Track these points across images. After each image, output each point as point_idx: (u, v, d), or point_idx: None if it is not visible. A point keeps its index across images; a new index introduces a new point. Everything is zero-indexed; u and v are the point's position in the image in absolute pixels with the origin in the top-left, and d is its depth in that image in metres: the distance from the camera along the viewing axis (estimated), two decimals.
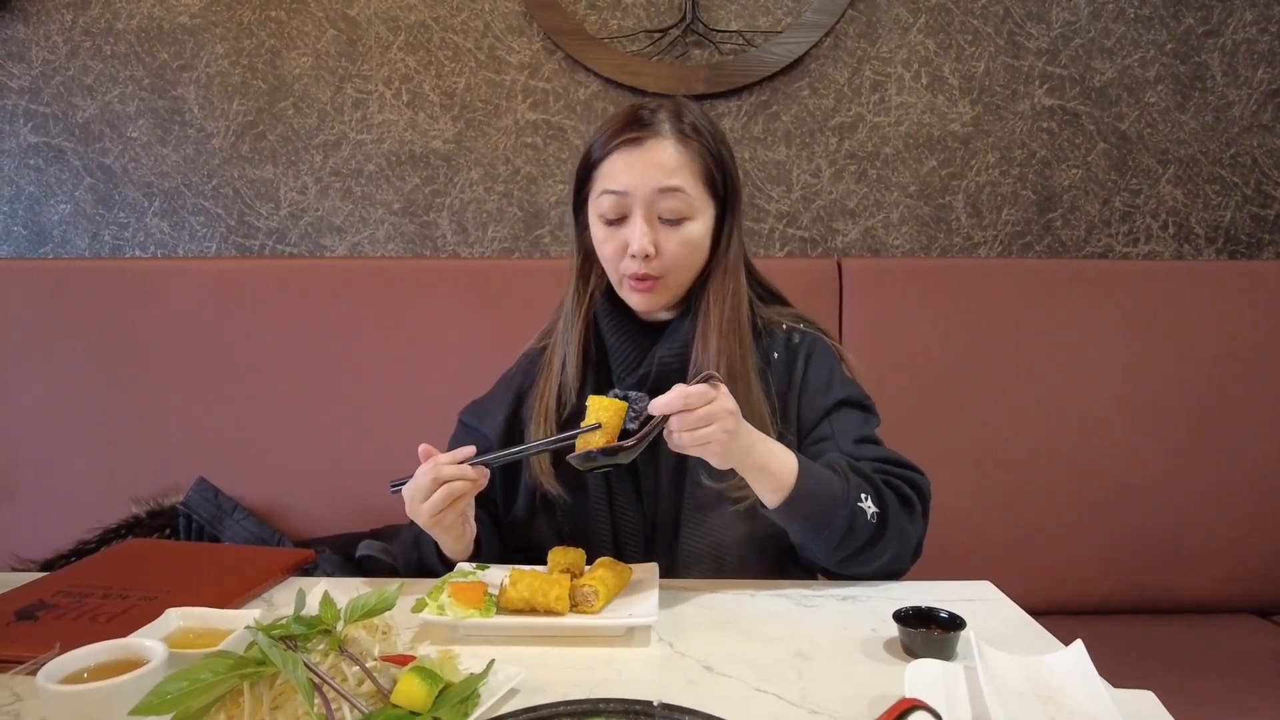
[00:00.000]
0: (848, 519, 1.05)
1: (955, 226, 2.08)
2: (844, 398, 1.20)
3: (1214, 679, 1.50)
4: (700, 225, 1.15)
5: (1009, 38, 2.02)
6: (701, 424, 0.97)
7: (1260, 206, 2.06)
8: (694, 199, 1.13)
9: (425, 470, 1.04)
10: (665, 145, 1.12)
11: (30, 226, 2.08)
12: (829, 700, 0.83)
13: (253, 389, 1.79)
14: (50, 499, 1.77)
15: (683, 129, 1.13)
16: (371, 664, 0.79)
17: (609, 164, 1.13)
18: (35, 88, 2.04)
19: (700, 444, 0.98)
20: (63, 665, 0.75)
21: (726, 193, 1.18)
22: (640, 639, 0.97)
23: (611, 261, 1.16)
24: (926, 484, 1.16)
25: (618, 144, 1.12)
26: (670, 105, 1.16)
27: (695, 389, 0.98)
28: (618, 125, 1.14)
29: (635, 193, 1.11)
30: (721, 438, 0.98)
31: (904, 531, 1.10)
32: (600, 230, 1.16)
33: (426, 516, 1.04)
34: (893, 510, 1.09)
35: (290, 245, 2.09)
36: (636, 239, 1.11)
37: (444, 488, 1.02)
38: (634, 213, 1.12)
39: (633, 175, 1.11)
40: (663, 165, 1.11)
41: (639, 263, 1.12)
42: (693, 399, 0.97)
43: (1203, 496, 1.77)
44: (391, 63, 2.03)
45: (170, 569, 1.20)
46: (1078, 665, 0.84)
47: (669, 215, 1.12)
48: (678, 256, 1.13)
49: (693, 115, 1.16)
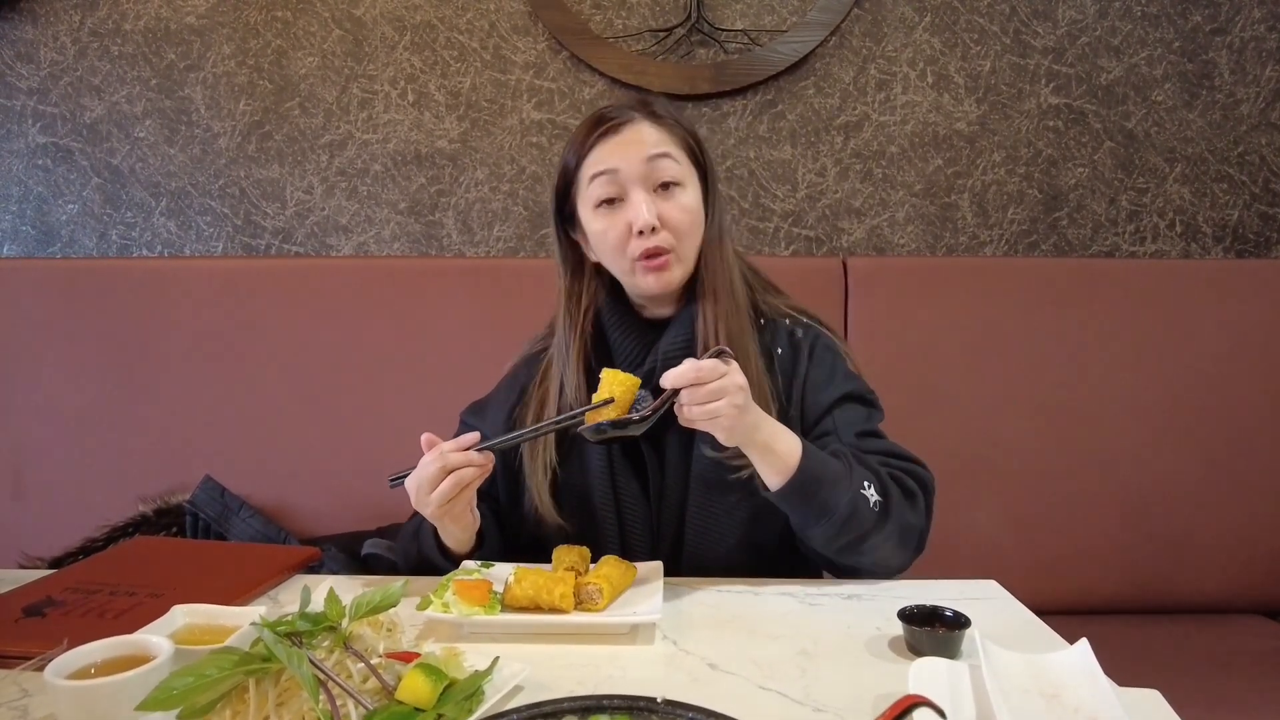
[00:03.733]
0: (850, 505, 1.04)
1: (961, 225, 2.07)
2: (847, 392, 1.19)
3: (1221, 679, 1.50)
4: (693, 193, 1.16)
5: (1015, 36, 2.01)
6: (712, 398, 0.98)
7: (1268, 205, 2.06)
8: (681, 166, 1.15)
9: (431, 459, 1.03)
10: (641, 125, 1.14)
11: (38, 226, 2.09)
12: (833, 698, 0.83)
13: (259, 388, 1.80)
14: (58, 497, 1.78)
15: (654, 111, 1.17)
16: (376, 660, 0.79)
17: (591, 158, 1.15)
18: (43, 88, 2.05)
19: (710, 417, 0.99)
20: (70, 661, 0.76)
21: (706, 166, 1.20)
22: (644, 637, 0.97)
23: (617, 248, 1.14)
24: (930, 478, 1.16)
25: (595, 138, 1.14)
26: (635, 99, 1.21)
27: (707, 363, 0.98)
28: (588, 127, 1.16)
29: (626, 168, 1.13)
30: (731, 412, 0.98)
31: (906, 522, 1.09)
32: (599, 221, 1.15)
33: (435, 506, 1.03)
34: (895, 500, 1.08)
35: (296, 245, 2.10)
36: (641, 211, 1.11)
37: (453, 475, 1.02)
38: (630, 189, 1.13)
39: (618, 154, 1.13)
40: (646, 139, 1.13)
41: (646, 239, 1.11)
42: (704, 372, 0.98)
43: (1210, 496, 1.76)
44: (397, 63, 2.03)
45: (176, 566, 1.20)
46: (1083, 664, 0.84)
47: (664, 179, 1.13)
48: (681, 223, 1.14)
49: (660, 104, 1.19)
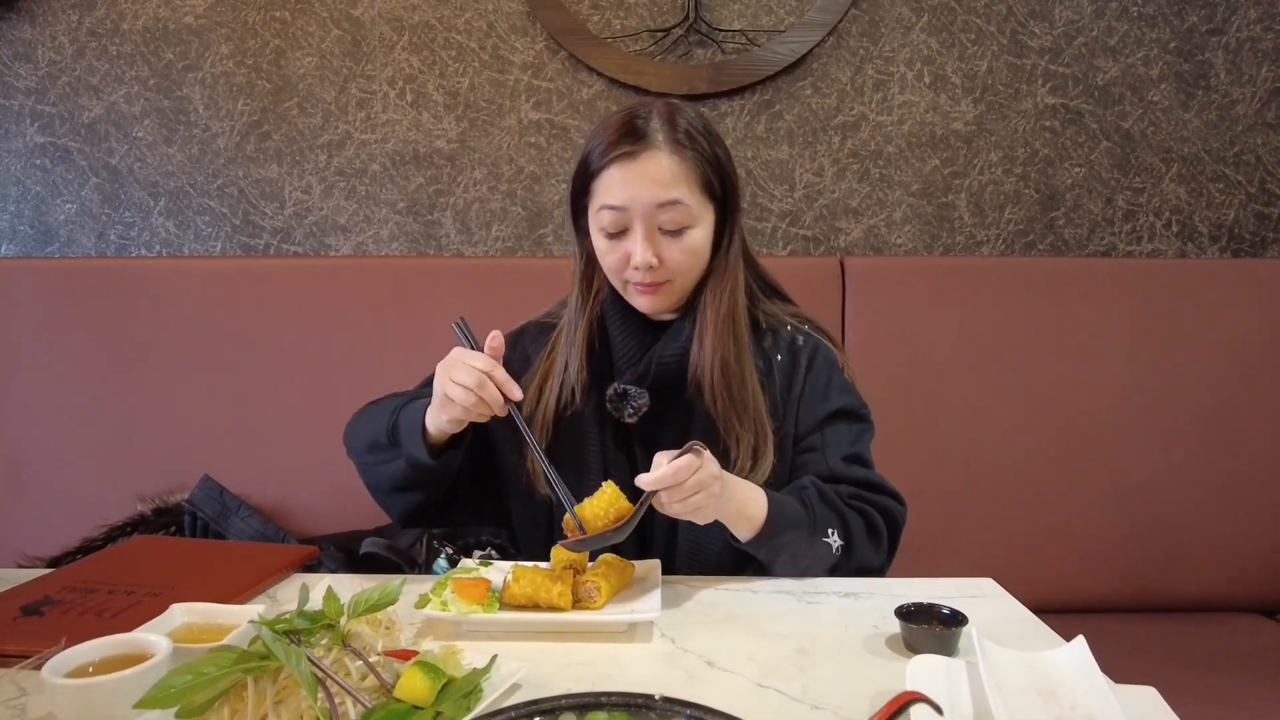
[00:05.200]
0: (810, 552, 1.11)
1: (958, 225, 2.07)
2: (839, 408, 1.22)
3: (1217, 676, 1.50)
4: (701, 232, 1.16)
5: (1012, 36, 2.02)
6: (691, 493, 1.00)
7: (1264, 205, 2.06)
8: (693, 208, 1.14)
9: (482, 361, 1.05)
10: (660, 157, 1.12)
11: (36, 226, 2.09)
12: (831, 696, 0.83)
13: (257, 387, 1.80)
14: (57, 497, 1.78)
15: (677, 137, 1.13)
16: (375, 659, 0.79)
17: (606, 178, 1.14)
18: (41, 88, 2.05)
19: (691, 510, 1.02)
20: (68, 659, 0.76)
21: (725, 193, 1.18)
22: (643, 635, 0.97)
23: (615, 271, 1.18)
24: (900, 511, 1.19)
25: (613, 157, 1.13)
26: (663, 110, 1.16)
27: (683, 463, 0.99)
28: (612, 136, 1.14)
29: (634, 207, 1.12)
30: (710, 503, 1.02)
31: (865, 563, 1.14)
32: (602, 242, 1.17)
33: (449, 384, 1.04)
34: (858, 543, 1.13)
35: (295, 245, 2.10)
36: (639, 253, 1.12)
37: (477, 388, 1.03)
38: (634, 227, 1.13)
39: (630, 190, 1.12)
40: (659, 179, 1.12)
41: (642, 273, 1.14)
42: (681, 473, 0.99)
43: (1207, 495, 1.76)
44: (395, 63, 2.04)
45: (175, 565, 1.20)
46: (1079, 661, 0.84)
47: (669, 226, 1.13)
48: (681, 264, 1.15)
49: (686, 120, 1.16)
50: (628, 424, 1.21)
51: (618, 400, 1.21)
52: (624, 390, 1.21)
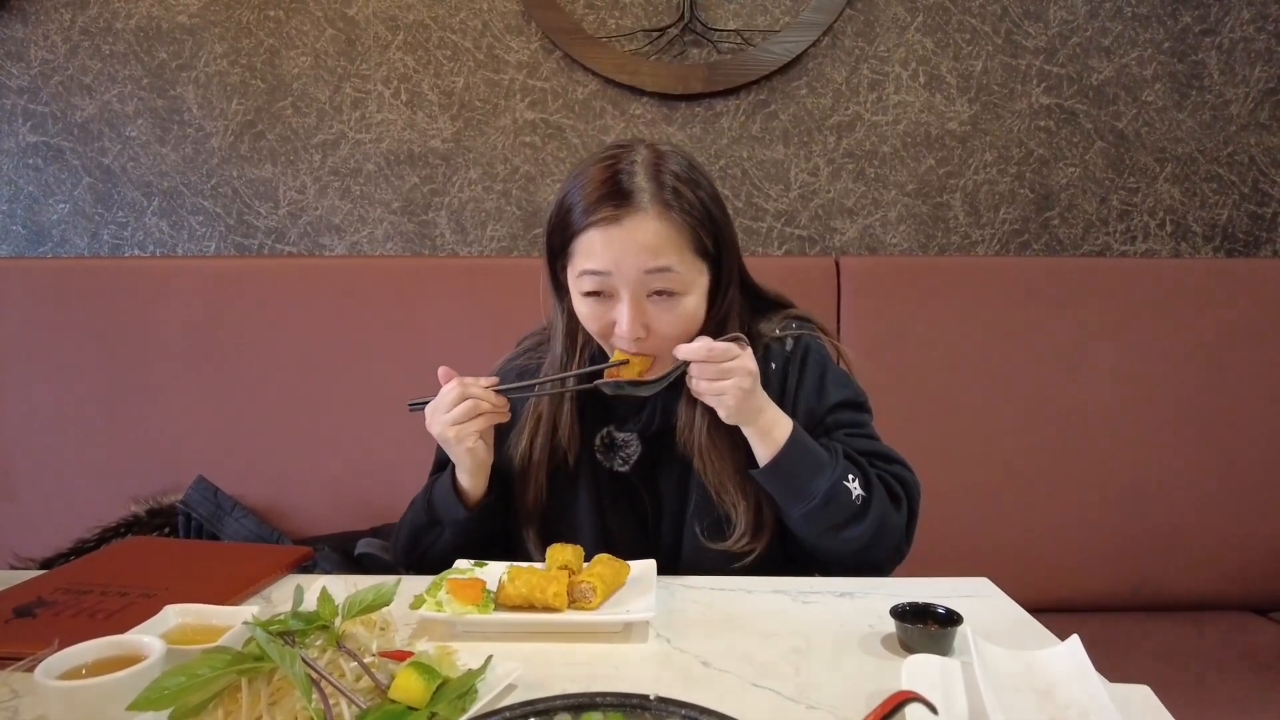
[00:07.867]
0: (829, 492, 1.07)
1: (953, 225, 2.08)
2: (838, 401, 1.19)
3: (1211, 675, 1.51)
4: (694, 298, 1.08)
5: (1006, 36, 2.02)
6: (721, 376, 1.01)
7: (1258, 205, 2.07)
8: (684, 274, 1.05)
9: (450, 387, 1.06)
10: (646, 222, 1.02)
11: (29, 226, 2.09)
12: (826, 696, 0.83)
13: (252, 388, 1.79)
14: (49, 498, 1.77)
15: (664, 196, 1.03)
16: (369, 660, 0.79)
17: (586, 240, 1.04)
18: (34, 87, 2.04)
19: (715, 394, 1.02)
20: (61, 661, 0.75)
21: (719, 250, 1.10)
22: (638, 635, 0.97)
23: (599, 334, 1.11)
24: (916, 482, 1.17)
25: (594, 220, 1.03)
26: (647, 160, 1.06)
27: (720, 344, 1.01)
28: (593, 196, 1.03)
29: (619, 274, 1.03)
30: (736, 393, 1.02)
31: (887, 519, 1.11)
32: (584, 305, 1.08)
33: (448, 425, 1.05)
34: (878, 498, 1.10)
35: (289, 244, 2.09)
36: (624, 324, 1.04)
37: (469, 401, 1.05)
38: (620, 294, 1.04)
39: (614, 254, 1.02)
40: (646, 245, 1.02)
41: (628, 343, 1.06)
42: (716, 353, 1.01)
43: (1200, 494, 1.77)
44: (390, 62, 2.03)
45: (169, 566, 1.20)
46: (1074, 660, 0.85)
47: (660, 289, 1.05)
48: (672, 331, 1.07)
49: (672, 171, 1.06)
50: (619, 472, 1.18)
51: (605, 449, 1.18)
52: (612, 439, 1.18)
